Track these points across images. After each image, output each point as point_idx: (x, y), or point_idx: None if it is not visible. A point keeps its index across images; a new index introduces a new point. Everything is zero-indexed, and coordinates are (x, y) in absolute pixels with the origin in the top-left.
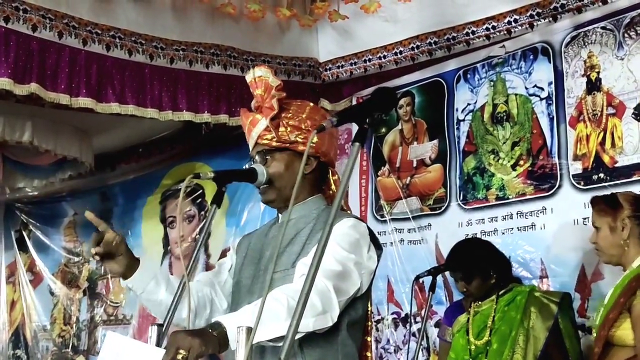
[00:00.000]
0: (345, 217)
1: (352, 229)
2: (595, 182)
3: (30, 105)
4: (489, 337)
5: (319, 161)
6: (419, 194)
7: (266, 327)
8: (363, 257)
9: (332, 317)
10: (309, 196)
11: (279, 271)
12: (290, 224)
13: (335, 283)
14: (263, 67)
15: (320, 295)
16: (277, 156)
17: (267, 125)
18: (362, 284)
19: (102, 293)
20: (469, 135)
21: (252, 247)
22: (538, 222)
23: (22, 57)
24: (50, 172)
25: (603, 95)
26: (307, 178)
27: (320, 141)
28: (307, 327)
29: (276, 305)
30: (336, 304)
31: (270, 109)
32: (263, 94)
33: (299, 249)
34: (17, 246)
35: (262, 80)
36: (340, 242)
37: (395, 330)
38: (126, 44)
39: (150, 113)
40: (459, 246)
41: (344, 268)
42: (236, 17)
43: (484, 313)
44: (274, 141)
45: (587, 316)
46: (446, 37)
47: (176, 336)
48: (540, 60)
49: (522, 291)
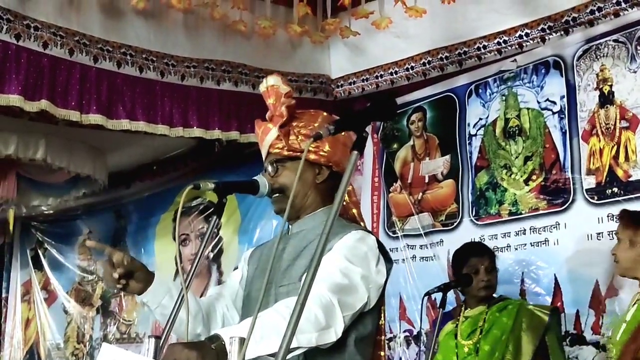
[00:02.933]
0: (353, 229)
1: (359, 242)
2: (609, 197)
3: (44, 123)
4: (479, 336)
5: (332, 171)
6: (431, 209)
7: (267, 340)
8: (371, 270)
9: (336, 332)
10: (320, 207)
11: (285, 285)
12: (300, 235)
13: (340, 297)
14: (275, 76)
15: (324, 310)
16: (288, 165)
17: (277, 133)
18: (370, 298)
19: (115, 311)
20: (481, 150)
21: (262, 259)
22: (551, 237)
23: (32, 74)
24: (64, 189)
25: (616, 108)
26: (319, 188)
27: (332, 150)
28: (309, 342)
29: (278, 319)
30: (341, 319)
31: (280, 117)
32: (275, 102)
33: (307, 262)
34: (32, 264)
35: (274, 89)
36: (346, 254)
37: (407, 348)
38: (137, 61)
39: (161, 129)
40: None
41: (350, 282)
42: (247, 34)
43: (475, 317)
44: (285, 150)
45: (602, 333)
46: (457, 52)
47: (173, 348)
48: (552, 74)
49: (513, 302)
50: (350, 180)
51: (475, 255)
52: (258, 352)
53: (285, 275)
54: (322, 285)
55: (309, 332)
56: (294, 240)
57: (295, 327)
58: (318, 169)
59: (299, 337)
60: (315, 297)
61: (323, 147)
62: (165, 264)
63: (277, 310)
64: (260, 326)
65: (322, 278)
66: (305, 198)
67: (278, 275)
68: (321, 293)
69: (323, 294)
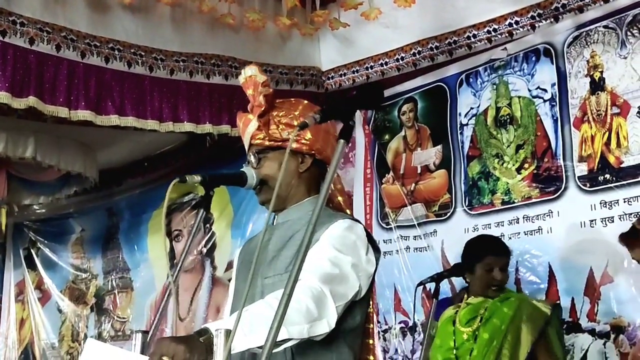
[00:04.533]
0: (340, 218)
1: (347, 231)
2: (601, 184)
3: (32, 120)
4: (478, 324)
5: (314, 159)
6: (424, 200)
7: (256, 333)
8: (361, 259)
9: (329, 323)
10: (305, 197)
11: (271, 276)
12: (286, 226)
13: (331, 287)
14: (252, 66)
15: (316, 300)
16: (270, 155)
17: (258, 124)
18: (361, 287)
19: (109, 308)
20: (473, 139)
21: (248, 252)
22: (545, 225)
23: (19, 70)
24: (55, 188)
25: (607, 94)
26: (302, 177)
27: (314, 137)
28: (301, 333)
29: (267, 311)
30: (333, 310)
31: (259, 107)
32: (253, 92)
33: (293, 252)
34: (25, 264)
35: (252, 79)
36: (335, 244)
37: (403, 339)
38: (125, 56)
39: (151, 125)
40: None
41: (340, 271)
42: (236, 27)
43: (476, 305)
44: (266, 140)
45: (597, 320)
46: (447, 41)
47: (160, 343)
48: (543, 62)
49: (515, 295)
50: (336, 169)
51: (493, 253)
52: (247, 344)
53: (270, 266)
54: (312, 276)
55: (300, 323)
56: (280, 231)
57: (283, 317)
58: (301, 158)
59: (290, 328)
60: (305, 288)
61: (304, 135)
62: (159, 261)
63: (266, 302)
64: (249, 318)
65: (311, 269)
66: (289, 188)
67: (264, 267)
68: (312, 284)
69: (314, 284)
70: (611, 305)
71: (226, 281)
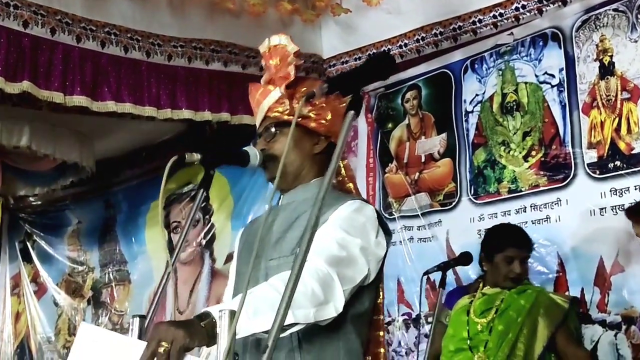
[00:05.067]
0: (349, 199)
1: (357, 212)
2: (611, 171)
3: (27, 108)
4: (493, 315)
5: (329, 142)
6: (428, 189)
7: (261, 316)
8: (370, 242)
9: (335, 308)
10: (314, 178)
11: (276, 258)
12: (291, 207)
13: (339, 270)
14: (282, 35)
15: (322, 284)
16: (286, 131)
17: (280, 95)
18: (370, 270)
19: (106, 301)
20: (478, 127)
21: (251, 234)
22: (553, 214)
23: (13, 54)
24: (51, 178)
25: (617, 79)
26: (315, 158)
27: (333, 120)
28: (307, 318)
29: (272, 293)
30: (341, 293)
31: (285, 78)
32: (278, 63)
33: (299, 234)
34: (21, 257)
35: (279, 48)
36: (343, 225)
37: (406, 331)
38: (122, 41)
39: (148, 111)
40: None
41: (348, 253)
42: (236, 12)
43: (492, 296)
44: (286, 114)
45: (608, 311)
46: (452, 27)
47: (158, 327)
48: (550, 47)
49: (533, 287)
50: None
51: (515, 245)
52: (251, 328)
53: (275, 248)
54: (318, 258)
55: (306, 307)
56: (285, 212)
57: (290, 300)
58: (316, 139)
59: (296, 312)
60: (312, 270)
61: (325, 115)
62: (157, 253)
63: (271, 284)
64: (253, 301)
65: (318, 251)
66: (300, 167)
67: (268, 249)
68: (318, 266)
69: (320, 267)
70: (622, 296)
71: (226, 273)
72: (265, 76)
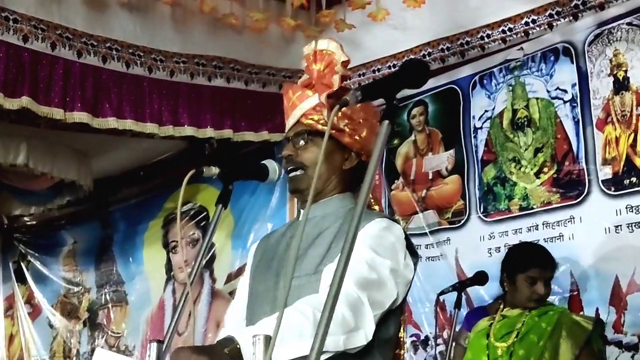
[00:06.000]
0: (377, 216)
1: (385, 231)
2: (627, 187)
3: (25, 125)
4: (514, 339)
5: (360, 160)
6: (436, 207)
7: (288, 344)
8: (399, 263)
9: (366, 335)
10: (338, 193)
11: (299, 276)
12: (312, 222)
13: (369, 294)
14: (331, 40)
15: (353, 309)
16: (318, 141)
17: (318, 102)
18: (399, 294)
19: (103, 323)
20: (488, 143)
21: (268, 249)
22: (566, 232)
23: (12, 69)
24: (47, 197)
25: (632, 94)
26: (344, 174)
27: (368, 138)
28: (337, 346)
29: (300, 320)
30: (371, 319)
31: (327, 86)
32: (322, 69)
33: (323, 251)
34: (15, 278)
35: (326, 54)
36: (372, 245)
37: (414, 354)
38: (123, 56)
39: (150, 128)
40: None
41: (378, 276)
42: (239, 28)
43: (512, 319)
44: (321, 123)
45: (624, 332)
46: (459, 42)
47: (179, 354)
48: (562, 61)
49: (555, 309)
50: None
51: (538, 265)
52: (277, 357)
53: (297, 266)
54: (348, 280)
55: (336, 334)
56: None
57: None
58: (347, 155)
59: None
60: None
61: (360, 131)
62: (155, 273)
63: (298, 309)
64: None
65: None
66: (327, 182)
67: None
68: (347, 289)
69: (350, 290)
70: (639, 316)
71: (226, 294)
72: (303, 79)
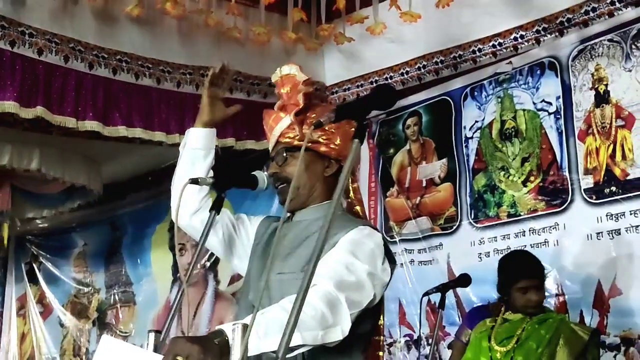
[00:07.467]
0: (360, 224)
1: (367, 238)
2: (607, 196)
3: (38, 132)
4: (514, 345)
5: (340, 165)
6: (429, 213)
7: (271, 337)
8: (377, 268)
9: (342, 330)
10: (325, 199)
11: (286, 273)
12: (302, 225)
13: (347, 294)
14: (292, 65)
15: (331, 307)
16: (297, 155)
17: (290, 122)
18: (375, 295)
19: (111, 323)
20: (478, 152)
21: (265, 238)
22: (551, 238)
23: (27, 80)
24: (59, 201)
25: (612, 107)
26: (326, 181)
27: (343, 144)
28: (315, 339)
29: (283, 315)
30: (348, 317)
31: (295, 105)
32: (289, 91)
33: (308, 252)
34: (27, 278)
35: (290, 77)
36: (354, 250)
37: (408, 353)
38: (133, 68)
39: (158, 136)
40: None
41: (357, 278)
42: (242, 41)
43: (513, 323)
44: (296, 139)
45: (607, 333)
46: (452, 55)
47: (175, 342)
48: (548, 75)
49: (554, 317)
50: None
51: (526, 277)
52: (261, 348)
53: (285, 262)
54: (328, 282)
55: (314, 329)
56: (296, 229)
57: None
58: (327, 162)
59: (305, 334)
60: (321, 293)
61: (334, 139)
62: (162, 274)
63: (282, 306)
64: (264, 322)
65: (328, 274)
66: (312, 190)
67: (277, 262)
68: (327, 289)
69: (329, 290)
70: (620, 318)
71: (229, 295)
72: (278, 103)
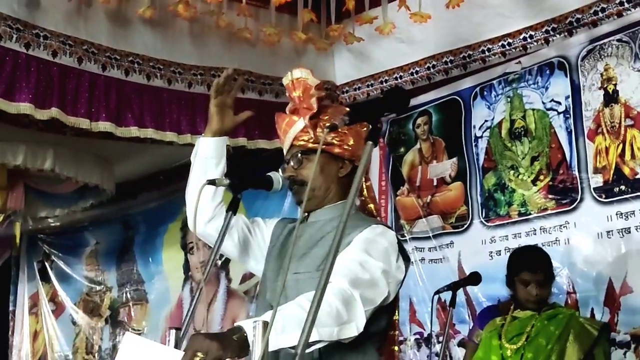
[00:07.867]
0: (373, 223)
1: (380, 236)
2: (617, 195)
3: (52, 133)
4: (523, 342)
5: (354, 166)
6: (440, 212)
7: (289, 333)
8: (392, 266)
9: (357, 327)
10: (340, 200)
11: (302, 273)
12: (317, 225)
13: (361, 291)
14: (302, 69)
15: (346, 304)
16: (312, 158)
17: (304, 125)
18: (390, 293)
19: (124, 321)
20: (488, 151)
21: (280, 240)
22: (562, 237)
23: (42, 82)
24: (72, 200)
25: (621, 107)
26: (341, 182)
27: (356, 145)
28: (330, 335)
29: (300, 312)
30: (362, 314)
31: (308, 109)
32: (301, 95)
33: (324, 252)
34: (39, 277)
35: (301, 81)
36: (367, 249)
37: (418, 351)
38: (144, 69)
39: (169, 137)
40: (535, 249)
41: (371, 276)
42: (253, 41)
43: (523, 321)
44: (311, 142)
45: (618, 330)
46: (462, 55)
47: (195, 339)
48: (557, 75)
49: (564, 312)
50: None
51: (527, 269)
52: (279, 344)
53: (301, 263)
54: (343, 279)
55: (330, 325)
56: (311, 229)
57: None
58: (341, 163)
59: (320, 330)
60: (336, 291)
61: (347, 140)
62: (174, 272)
63: (299, 303)
64: (282, 319)
65: (343, 272)
66: (327, 191)
67: (293, 262)
68: (342, 287)
69: (344, 287)
70: (631, 315)
71: (241, 293)
72: (289, 106)
